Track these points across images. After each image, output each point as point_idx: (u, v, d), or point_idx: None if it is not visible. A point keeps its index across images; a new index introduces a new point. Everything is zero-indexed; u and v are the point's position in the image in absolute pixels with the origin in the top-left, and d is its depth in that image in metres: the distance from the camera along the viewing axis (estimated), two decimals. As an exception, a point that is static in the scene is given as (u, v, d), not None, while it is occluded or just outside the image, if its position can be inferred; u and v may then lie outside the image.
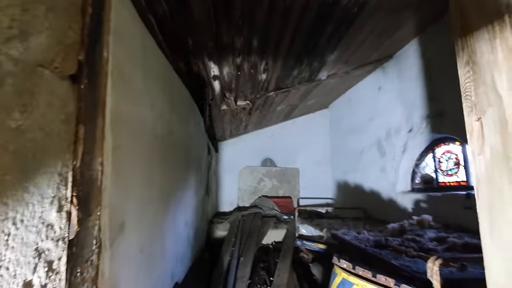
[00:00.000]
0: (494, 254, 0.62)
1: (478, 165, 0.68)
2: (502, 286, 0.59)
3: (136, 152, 1.42)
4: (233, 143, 6.37)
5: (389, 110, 4.12)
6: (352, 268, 1.37)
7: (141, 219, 1.47)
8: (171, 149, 2.12)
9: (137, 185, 1.42)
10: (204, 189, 4.15)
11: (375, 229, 3.24)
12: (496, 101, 0.63)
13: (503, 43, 0.62)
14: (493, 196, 0.63)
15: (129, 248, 1.27)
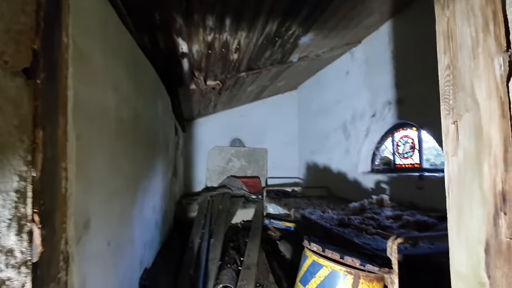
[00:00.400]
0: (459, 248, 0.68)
1: (451, 165, 0.72)
2: (465, 276, 0.66)
3: (99, 140, 1.29)
4: (201, 123, 6.19)
5: (355, 95, 4.27)
6: (322, 250, 1.45)
7: (108, 211, 1.37)
8: (138, 133, 1.98)
9: (102, 176, 1.31)
10: (171, 171, 4.03)
11: (338, 208, 3.47)
12: (473, 108, 0.66)
13: (485, 52, 0.64)
14: (463, 196, 0.67)
15: (95, 244, 1.19)
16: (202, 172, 6.09)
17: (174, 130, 4.19)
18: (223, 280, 2.11)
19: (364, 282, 1.35)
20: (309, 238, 1.76)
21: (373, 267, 1.35)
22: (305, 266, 1.52)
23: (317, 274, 1.42)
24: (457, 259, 0.71)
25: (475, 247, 0.65)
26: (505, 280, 0.58)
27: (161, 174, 2.99)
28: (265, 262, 2.60)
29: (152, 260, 2.53)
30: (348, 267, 1.37)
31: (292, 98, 6.65)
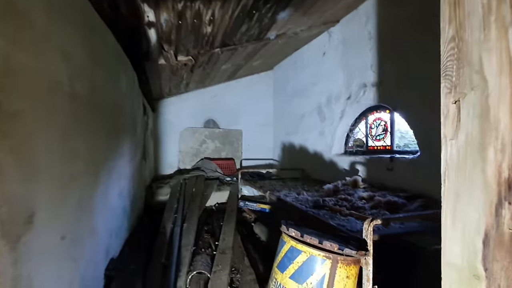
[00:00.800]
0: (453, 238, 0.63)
1: (449, 149, 0.66)
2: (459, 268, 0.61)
3: (46, 119, 1.09)
4: (172, 102, 5.86)
5: (331, 77, 4.23)
6: (300, 236, 1.40)
7: (61, 201, 1.19)
8: (97, 110, 1.75)
9: (51, 161, 1.11)
10: (141, 153, 3.78)
11: (313, 189, 3.50)
12: (480, 85, 0.59)
13: (498, 21, 0.56)
14: (462, 183, 0.61)
15: (44, 240, 1.02)
16: (174, 154, 5.85)
17: (142, 109, 3.89)
18: (197, 266, 2.03)
19: (342, 266, 1.33)
20: (287, 222, 1.71)
21: (350, 251, 1.33)
22: (282, 252, 1.47)
23: (295, 260, 1.38)
24: (451, 249, 0.66)
25: (472, 238, 0.60)
26: (504, 274, 0.54)
27: (129, 156, 2.76)
28: (240, 245, 2.56)
29: (120, 248, 2.38)
30: (326, 252, 1.34)
31: (267, 78, 6.49)
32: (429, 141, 2.62)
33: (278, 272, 1.45)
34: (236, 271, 2.13)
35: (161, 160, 5.77)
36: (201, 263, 2.08)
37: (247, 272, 2.07)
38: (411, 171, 2.82)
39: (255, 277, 1.98)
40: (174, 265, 1.98)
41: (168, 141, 5.81)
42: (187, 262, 2.10)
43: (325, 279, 1.31)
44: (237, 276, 2.05)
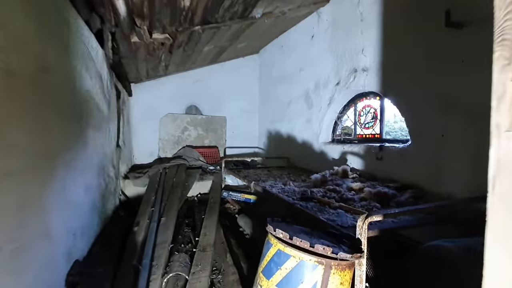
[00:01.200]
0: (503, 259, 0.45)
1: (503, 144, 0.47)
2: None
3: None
4: (151, 86, 5.46)
5: (319, 61, 4.02)
6: (289, 238, 1.23)
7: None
8: (49, 93, 1.46)
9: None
10: (115, 141, 3.47)
11: (299, 179, 3.36)
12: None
13: None
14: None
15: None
16: (154, 141, 5.52)
17: (115, 93, 3.55)
18: (174, 267, 1.83)
19: (336, 272, 1.18)
20: (273, 220, 1.54)
21: (345, 255, 1.18)
22: (269, 255, 1.30)
23: (283, 266, 1.21)
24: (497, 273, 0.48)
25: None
26: None
27: (97, 145, 2.47)
28: (223, 241, 2.38)
29: (88, 248, 2.14)
30: (319, 257, 1.18)
31: (253, 62, 6.19)
32: (420, 130, 2.51)
33: (264, 279, 1.28)
34: (218, 271, 1.96)
35: (140, 148, 5.44)
36: (178, 263, 1.89)
37: (230, 271, 1.90)
38: (400, 160, 2.72)
39: (238, 277, 1.82)
40: (148, 267, 1.77)
41: (148, 128, 5.46)
42: (163, 263, 1.90)
43: (317, 287, 1.16)
44: (218, 276, 1.88)
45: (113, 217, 3.06)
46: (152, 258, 1.92)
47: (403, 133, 3.86)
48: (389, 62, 2.85)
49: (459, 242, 1.47)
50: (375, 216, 1.46)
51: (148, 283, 1.65)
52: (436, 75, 2.35)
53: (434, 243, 1.49)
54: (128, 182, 4.03)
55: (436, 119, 2.35)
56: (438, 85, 2.34)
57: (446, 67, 2.28)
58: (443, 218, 1.88)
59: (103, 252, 2.11)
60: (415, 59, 2.53)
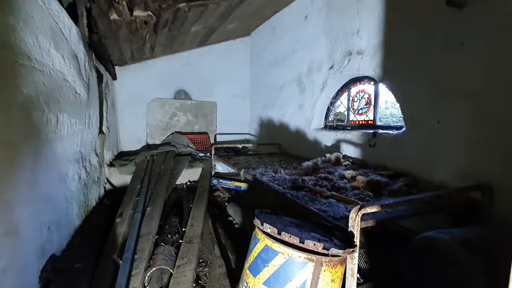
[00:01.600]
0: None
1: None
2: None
3: None
4: (137, 69, 5.20)
5: (313, 44, 3.85)
6: (277, 233, 1.13)
7: None
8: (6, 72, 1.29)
9: None
10: (97, 127, 3.28)
11: (290, 166, 3.27)
12: None
13: None
14: None
15: None
16: (141, 128, 5.32)
17: (95, 75, 3.33)
18: (158, 261, 1.74)
19: (327, 269, 1.10)
20: (261, 212, 1.44)
21: (337, 251, 1.09)
22: (255, 251, 1.21)
23: (271, 263, 1.12)
24: None
25: None
26: None
27: (75, 131, 2.30)
28: (211, 231, 2.30)
29: (67, 241, 2.02)
30: (309, 253, 1.09)
31: (244, 45, 5.95)
32: (416, 116, 2.42)
33: (250, 276, 1.20)
34: (205, 263, 1.87)
35: (127, 134, 5.24)
36: (163, 256, 1.79)
37: (217, 264, 1.82)
38: (394, 147, 2.64)
39: (226, 270, 1.74)
40: (129, 261, 1.67)
41: (134, 114, 5.24)
42: (147, 256, 1.80)
43: (306, 285, 1.08)
44: (205, 269, 1.80)
45: (97, 207, 2.93)
46: (134, 251, 1.81)
47: (393, 119, 3.78)
48: (386, 44, 2.71)
49: (454, 234, 1.41)
50: (369, 208, 1.38)
51: (129, 279, 1.55)
52: (435, 59, 2.24)
53: (429, 235, 1.43)
54: (114, 170, 3.87)
55: (432, 105, 2.26)
56: (436, 70, 2.23)
57: (445, 50, 2.16)
58: (437, 208, 1.82)
59: (83, 245, 2.00)
60: (413, 41, 2.40)
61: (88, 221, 2.48)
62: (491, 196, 1.86)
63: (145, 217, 2.33)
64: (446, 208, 1.83)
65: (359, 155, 3.03)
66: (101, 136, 3.52)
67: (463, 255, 1.26)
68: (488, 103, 1.89)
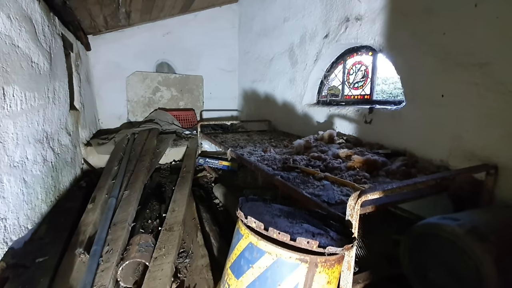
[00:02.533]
0: None
1: None
2: None
3: None
4: (114, 39, 4.72)
5: (306, 10, 3.50)
6: (264, 229, 0.94)
7: None
8: None
9: None
10: (66, 103, 2.95)
11: (281, 145, 3.07)
12: None
13: None
14: None
15: None
16: (121, 103, 4.95)
17: (61, 44, 2.93)
18: (132, 252, 1.55)
19: (323, 270, 0.93)
20: (247, 200, 1.24)
21: (335, 248, 0.91)
22: (238, 249, 1.02)
23: (256, 264, 0.94)
24: None
25: None
26: None
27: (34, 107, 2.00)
28: (194, 216, 2.11)
29: (32, 231, 1.80)
30: (302, 252, 0.91)
31: (232, 13, 5.47)
32: (418, 89, 2.21)
33: (232, 277, 1.02)
34: (186, 254, 1.70)
35: (105, 111, 4.87)
36: (138, 247, 1.60)
37: (199, 254, 1.65)
38: (392, 124, 2.46)
39: (209, 261, 1.58)
40: (98, 255, 1.48)
41: (113, 88, 4.84)
42: (120, 247, 1.60)
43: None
44: (185, 261, 1.63)
45: (71, 191, 2.69)
46: (105, 243, 1.62)
47: (384, 96, 3.57)
48: (389, 8, 2.43)
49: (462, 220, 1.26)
50: (370, 195, 1.20)
51: (95, 275, 1.37)
52: (443, 23, 1.98)
53: (434, 221, 1.28)
54: (91, 149, 3.59)
55: (437, 77, 2.05)
56: (444, 37, 1.99)
57: (455, 13, 1.91)
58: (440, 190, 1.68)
59: (50, 236, 1.79)
60: (420, 3, 2.13)
61: (59, 207, 2.25)
62: (496, 177, 1.72)
63: (122, 202, 2.12)
64: (450, 190, 1.68)
65: (354, 133, 2.84)
66: (73, 113, 3.19)
67: (474, 245, 1.11)
68: (500, 74, 1.69)
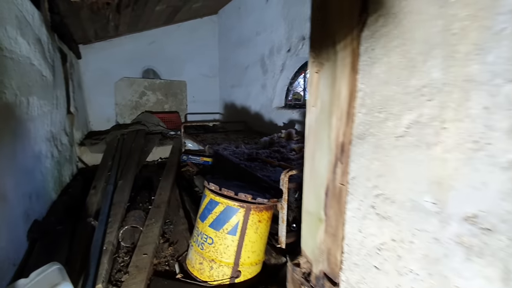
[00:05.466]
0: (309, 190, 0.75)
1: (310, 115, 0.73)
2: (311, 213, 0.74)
3: None
4: (102, 48, 5.16)
5: (274, 27, 4.11)
6: (218, 189, 1.51)
7: None
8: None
9: None
10: (64, 107, 3.40)
11: (252, 142, 3.65)
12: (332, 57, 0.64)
13: None
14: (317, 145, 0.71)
15: None
16: (110, 107, 5.39)
17: (60, 57, 3.38)
18: (129, 221, 2.08)
19: (254, 212, 1.50)
20: (213, 177, 1.80)
21: (262, 200, 1.49)
22: (204, 204, 1.58)
23: (214, 210, 1.51)
24: (307, 199, 0.79)
25: (319, 190, 0.72)
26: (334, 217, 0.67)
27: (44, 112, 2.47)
28: (177, 198, 2.65)
29: (46, 210, 2.28)
30: (241, 202, 1.48)
31: (212, 24, 6.02)
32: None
33: (200, 222, 1.58)
34: (170, 223, 2.24)
35: (96, 114, 5.29)
36: (133, 218, 2.13)
37: (181, 222, 2.20)
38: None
39: (188, 227, 2.12)
40: (104, 222, 1.99)
41: (102, 93, 5.27)
42: (120, 219, 2.13)
43: (238, 224, 1.48)
44: (170, 227, 2.17)
45: (71, 184, 3.15)
46: (108, 215, 2.13)
47: None
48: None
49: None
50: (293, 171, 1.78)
51: (104, 235, 1.89)
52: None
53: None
54: (85, 149, 4.03)
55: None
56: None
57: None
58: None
59: (61, 214, 2.27)
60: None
61: (63, 195, 2.72)
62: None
63: (117, 189, 2.62)
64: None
65: (310, 131, 3.46)
66: (69, 116, 3.64)
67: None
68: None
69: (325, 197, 0.71)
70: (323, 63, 0.68)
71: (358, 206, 0.60)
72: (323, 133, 0.70)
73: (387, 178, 0.52)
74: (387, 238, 0.54)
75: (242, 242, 1.48)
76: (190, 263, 1.62)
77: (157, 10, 4.36)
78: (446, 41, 0.42)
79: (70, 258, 1.72)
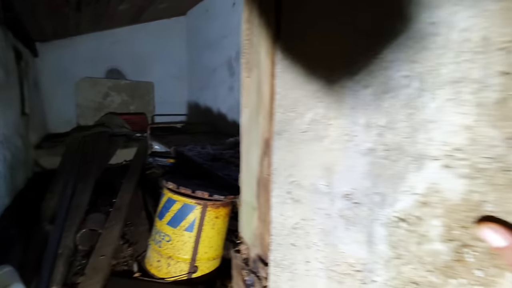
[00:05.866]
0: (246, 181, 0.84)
1: (244, 115, 0.83)
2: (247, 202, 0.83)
3: None
4: (62, 46, 4.92)
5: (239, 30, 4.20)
6: (176, 188, 1.56)
7: None
8: None
9: None
10: (18, 108, 3.21)
11: (218, 143, 3.71)
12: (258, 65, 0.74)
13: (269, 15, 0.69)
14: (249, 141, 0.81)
15: None
16: (71, 108, 5.14)
17: (13, 54, 3.19)
18: (88, 224, 2.04)
19: (211, 209, 1.57)
20: (172, 177, 1.84)
21: (219, 197, 1.56)
22: (162, 203, 1.62)
23: (171, 208, 1.55)
24: (244, 190, 0.88)
25: (252, 181, 0.81)
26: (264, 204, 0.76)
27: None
28: (140, 200, 2.63)
29: None
30: (198, 199, 1.54)
31: (180, 25, 5.98)
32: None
33: (158, 220, 1.61)
34: (131, 224, 2.23)
35: (54, 116, 5.02)
36: (92, 221, 2.09)
37: (142, 223, 2.20)
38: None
39: (148, 228, 2.13)
40: (60, 226, 1.94)
41: (62, 93, 5.02)
42: (77, 222, 2.08)
43: (195, 221, 1.54)
44: (131, 228, 2.16)
45: (26, 189, 2.99)
46: (65, 219, 2.07)
47: None
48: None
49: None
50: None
51: (60, 239, 1.84)
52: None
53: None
54: (42, 152, 3.83)
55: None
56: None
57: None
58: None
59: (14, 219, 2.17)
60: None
61: (18, 200, 2.58)
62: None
63: (77, 193, 2.55)
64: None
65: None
66: (24, 118, 3.44)
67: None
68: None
69: (257, 187, 0.80)
70: (252, 69, 0.78)
71: (279, 193, 0.70)
72: (254, 131, 0.79)
73: (298, 167, 0.62)
74: (299, 218, 0.64)
75: (199, 238, 1.54)
76: (149, 261, 1.64)
77: (121, 9, 4.26)
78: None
79: (23, 262, 1.66)
